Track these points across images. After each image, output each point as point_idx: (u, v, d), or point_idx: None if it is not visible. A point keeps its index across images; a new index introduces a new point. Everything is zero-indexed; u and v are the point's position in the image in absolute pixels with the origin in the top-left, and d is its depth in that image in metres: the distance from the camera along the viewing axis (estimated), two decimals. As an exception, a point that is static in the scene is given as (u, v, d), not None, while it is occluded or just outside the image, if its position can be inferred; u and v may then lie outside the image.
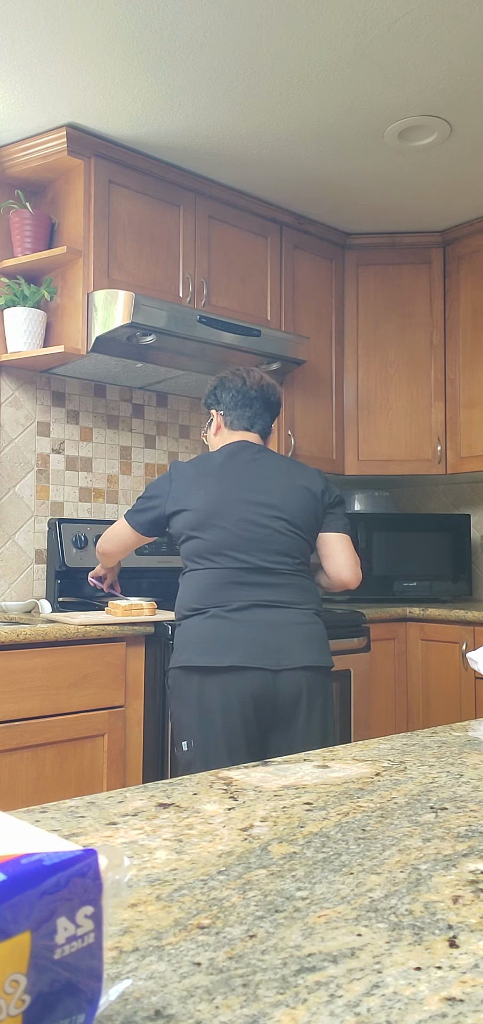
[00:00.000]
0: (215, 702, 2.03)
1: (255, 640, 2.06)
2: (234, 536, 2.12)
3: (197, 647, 2.07)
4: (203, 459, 2.26)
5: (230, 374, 2.35)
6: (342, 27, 2.33)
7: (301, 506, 2.18)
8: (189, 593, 2.16)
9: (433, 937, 0.51)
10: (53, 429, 3.20)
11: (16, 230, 2.99)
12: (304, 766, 0.93)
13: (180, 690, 2.11)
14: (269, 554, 2.13)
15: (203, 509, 2.14)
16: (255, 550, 2.12)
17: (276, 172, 3.18)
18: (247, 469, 2.20)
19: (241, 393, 2.30)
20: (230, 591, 2.10)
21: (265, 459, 2.24)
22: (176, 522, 2.21)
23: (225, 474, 2.18)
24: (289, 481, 2.20)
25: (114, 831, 0.71)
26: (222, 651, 2.05)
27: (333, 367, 3.67)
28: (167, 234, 3.12)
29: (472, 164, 3.11)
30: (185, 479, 2.21)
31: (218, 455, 2.24)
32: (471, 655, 1.28)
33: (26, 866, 0.38)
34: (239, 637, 2.06)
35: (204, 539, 2.14)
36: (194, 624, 2.11)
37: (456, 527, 3.60)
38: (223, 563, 2.12)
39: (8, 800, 2.25)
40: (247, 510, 2.14)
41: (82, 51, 2.43)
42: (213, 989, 0.45)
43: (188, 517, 2.16)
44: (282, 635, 2.08)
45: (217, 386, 2.34)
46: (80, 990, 0.39)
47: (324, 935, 0.51)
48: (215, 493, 2.15)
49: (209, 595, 2.11)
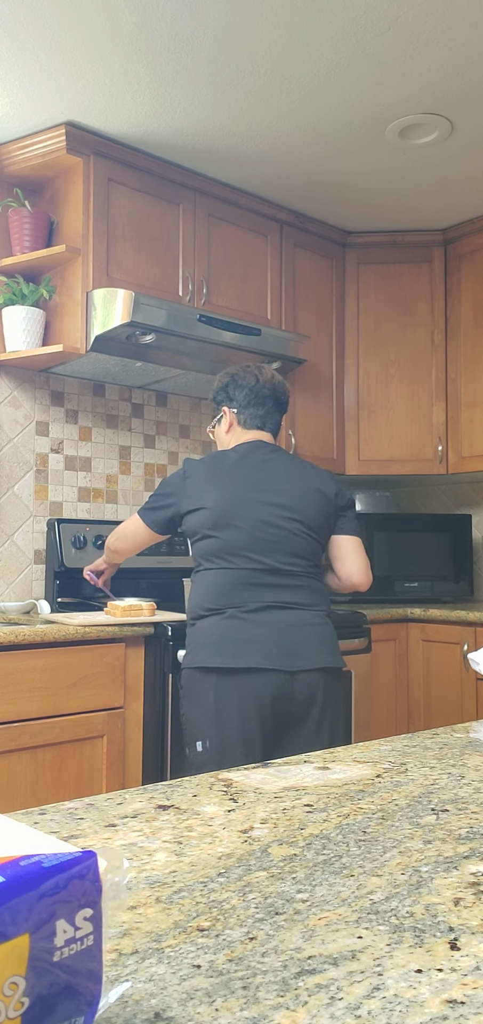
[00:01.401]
0: (233, 703, 2.03)
1: (273, 642, 2.06)
2: (251, 537, 2.11)
3: (214, 648, 2.07)
4: (217, 457, 2.24)
5: (241, 371, 2.33)
6: (342, 25, 2.33)
7: (315, 508, 2.19)
8: (204, 593, 2.14)
9: (434, 939, 0.51)
10: (52, 429, 3.20)
11: (15, 229, 2.98)
12: (304, 768, 0.92)
13: (195, 690, 2.09)
14: (284, 555, 2.13)
15: (219, 508, 2.13)
16: (271, 551, 2.12)
17: (276, 170, 3.18)
18: (262, 469, 2.19)
19: (254, 392, 2.29)
20: (246, 592, 2.10)
21: (279, 459, 2.24)
22: (191, 520, 2.19)
23: (241, 473, 2.18)
24: (303, 483, 2.20)
25: (113, 833, 0.71)
26: (241, 653, 2.05)
27: (334, 366, 3.67)
28: (167, 233, 3.12)
29: (473, 162, 3.11)
30: (200, 477, 2.20)
31: (233, 453, 2.23)
32: (472, 656, 1.28)
33: (25, 868, 0.37)
34: (257, 638, 2.06)
35: (220, 539, 2.13)
36: (210, 624, 2.10)
37: (457, 527, 3.60)
38: (239, 563, 2.11)
39: (7, 802, 2.25)
40: (263, 511, 2.14)
41: (81, 49, 2.43)
42: (213, 992, 0.44)
43: (204, 516, 2.15)
44: (298, 636, 2.09)
45: (229, 383, 2.32)
46: (79, 992, 0.39)
47: (324, 937, 0.51)
48: (231, 492, 2.15)
49: (225, 595, 2.10)
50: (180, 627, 2.58)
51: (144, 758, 2.57)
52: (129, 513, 3.41)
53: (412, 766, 0.92)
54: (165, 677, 2.56)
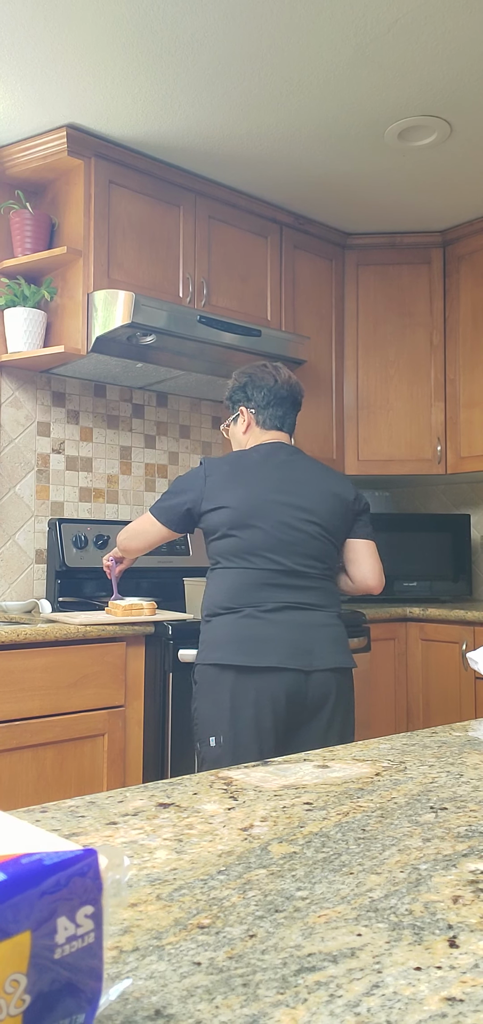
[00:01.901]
0: (249, 700, 2.06)
1: (289, 641, 2.09)
2: (271, 538, 2.13)
3: (232, 646, 2.08)
4: (239, 457, 2.25)
5: (259, 371, 2.33)
6: (342, 27, 2.33)
7: (333, 512, 2.21)
8: (222, 591, 2.15)
9: (433, 937, 0.51)
10: (53, 429, 3.20)
11: (16, 230, 2.99)
12: (304, 766, 0.93)
13: (210, 687, 2.11)
14: (302, 557, 2.15)
15: (241, 508, 2.14)
16: (289, 553, 2.14)
17: (276, 172, 3.18)
18: (283, 470, 2.21)
19: (273, 392, 2.30)
20: (264, 592, 2.12)
21: (299, 462, 2.26)
22: (211, 519, 2.19)
23: (262, 474, 2.19)
24: (323, 486, 2.22)
25: (114, 831, 0.71)
26: (259, 651, 2.07)
27: (333, 367, 3.67)
28: (167, 234, 3.12)
29: (472, 164, 3.11)
30: (221, 476, 2.20)
31: (254, 454, 2.24)
32: (471, 655, 1.28)
33: (26, 866, 0.38)
34: (275, 638, 2.08)
35: (241, 538, 2.14)
36: (227, 622, 2.11)
37: (456, 527, 3.60)
38: (258, 564, 2.13)
39: (8, 800, 2.25)
40: (284, 512, 2.15)
41: (82, 51, 2.43)
42: (213, 989, 0.45)
43: (225, 515, 2.16)
44: (313, 637, 2.12)
45: (247, 383, 2.32)
46: (80, 990, 0.39)
47: (324, 935, 0.51)
48: (253, 493, 2.16)
49: (243, 595, 2.12)
50: (180, 626, 2.58)
51: (145, 756, 2.58)
52: (130, 512, 3.41)
53: (411, 764, 0.93)
54: (166, 676, 2.56)
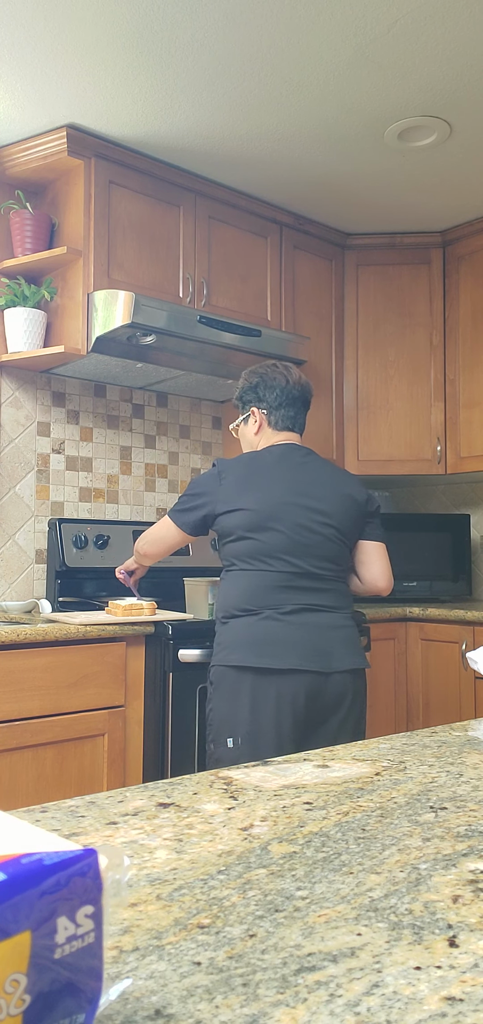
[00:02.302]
0: (269, 702, 2.07)
1: (308, 643, 2.11)
2: (290, 540, 2.14)
3: (252, 648, 2.10)
4: (253, 458, 2.25)
5: (270, 371, 2.33)
6: (342, 28, 2.33)
7: (347, 514, 2.23)
8: (240, 593, 2.16)
9: (433, 937, 0.51)
10: (53, 429, 3.20)
11: (16, 230, 2.99)
12: (304, 766, 0.93)
13: (229, 688, 2.12)
14: (318, 560, 2.17)
15: (259, 510, 2.15)
16: (307, 555, 2.16)
17: (276, 172, 3.18)
18: (299, 472, 2.22)
19: (285, 392, 2.30)
20: (282, 594, 2.13)
21: (314, 464, 2.27)
22: (227, 521, 2.19)
23: (279, 476, 2.19)
24: (337, 489, 2.24)
25: (114, 831, 0.71)
26: (279, 654, 2.08)
27: (333, 367, 3.67)
28: (167, 234, 3.12)
29: (472, 164, 3.11)
30: (236, 477, 2.20)
31: (268, 456, 2.24)
32: (471, 655, 1.28)
33: (26, 866, 0.38)
34: (294, 640, 2.10)
35: (259, 541, 2.15)
36: (246, 624, 2.13)
37: (456, 527, 3.60)
38: (277, 566, 2.14)
39: (8, 800, 2.25)
40: (302, 515, 2.16)
41: (82, 51, 2.43)
42: (213, 988, 0.45)
43: (242, 517, 2.16)
44: (330, 638, 2.15)
45: (258, 383, 2.32)
46: (80, 990, 0.39)
47: (324, 934, 0.51)
48: (271, 495, 2.16)
49: (261, 597, 2.13)
50: (180, 626, 2.58)
51: (145, 756, 2.58)
52: (130, 513, 3.41)
53: (411, 764, 0.93)
54: (165, 676, 2.56)
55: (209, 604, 2.77)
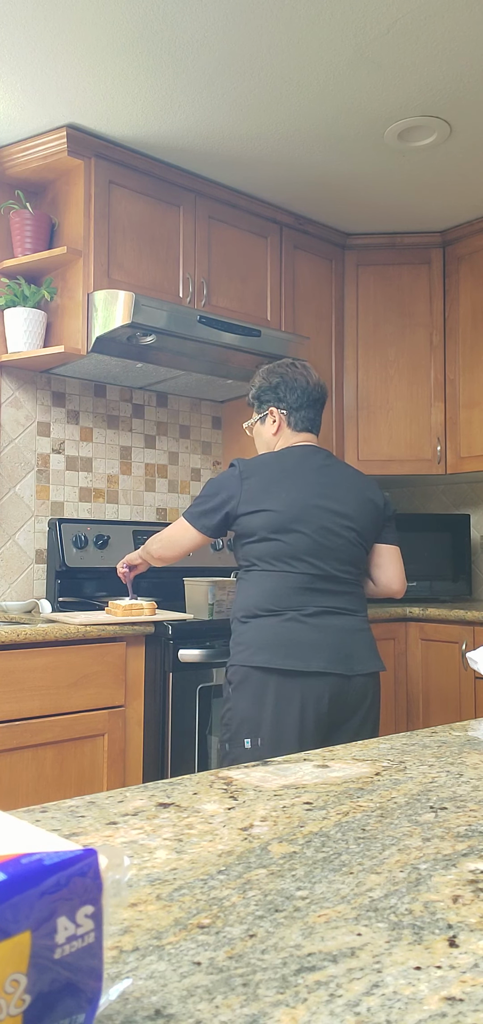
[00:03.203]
0: (294, 704, 2.07)
1: (332, 646, 2.11)
2: (314, 543, 2.14)
3: (277, 649, 2.09)
4: (275, 459, 2.24)
5: (289, 371, 2.32)
6: (342, 28, 2.33)
7: (368, 518, 2.24)
8: (262, 594, 2.15)
9: (433, 937, 0.51)
10: (53, 429, 3.20)
11: (16, 230, 2.99)
12: (304, 766, 0.93)
13: (252, 689, 2.10)
14: (340, 563, 2.18)
15: (285, 512, 2.14)
16: (330, 558, 2.16)
17: (276, 172, 3.18)
18: (322, 475, 2.21)
19: (306, 394, 2.30)
20: (304, 596, 2.13)
21: (336, 467, 2.27)
22: (249, 522, 2.17)
23: (303, 479, 2.19)
24: (359, 493, 2.24)
25: (114, 831, 0.71)
26: (305, 656, 2.08)
27: (333, 367, 3.67)
28: (167, 234, 3.12)
29: (472, 164, 3.11)
30: (260, 478, 2.19)
31: (290, 457, 2.23)
32: (471, 655, 1.28)
33: (26, 866, 0.38)
34: (318, 642, 2.10)
35: (284, 542, 2.13)
36: (269, 625, 2.12)
37: (456, 527, 3.60)
38: (301, 568, 2.14)
39: (8, 800, 2.25)
40: (326, 518, 2.16)
41: (82, 51, 2.43)
42: (213, 988, 0.45)
43: (267, 518, 2.15)
44: (352, 641, 2.16)
45: (279, 384, 2.31)
46: (80, 990, 0.39)
47: (324, 935, 0.51)
48: (297, 497, 2.16)
49: (284, 598, 2.13)
50: (180, 626, 2.58)
51: (145, 756, 2.58)
52: (130, 513, 3.41)
53: (411, 764, 0.93)
54: (166, 676, 2.56)
55: (209, 604, 2.77)
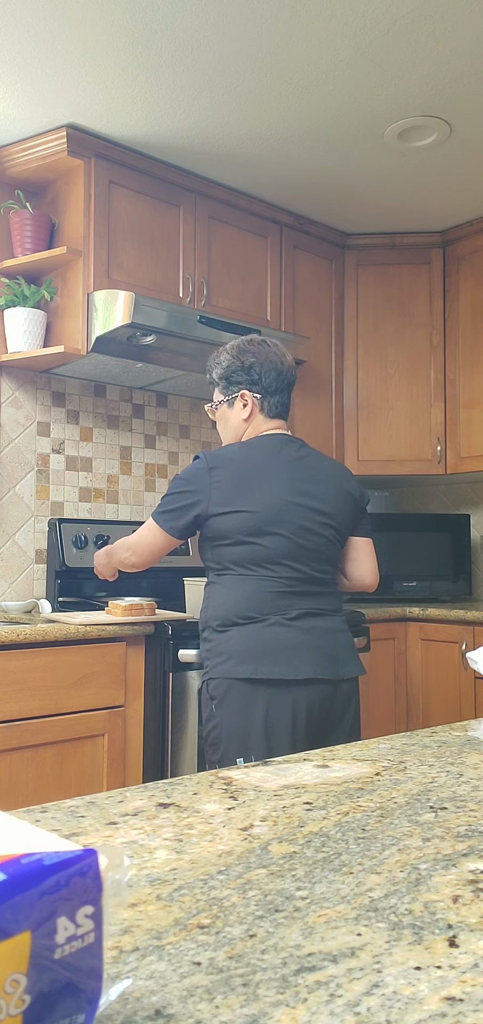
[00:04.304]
0: (286, 715, 1.93)
1: (319, 650, 1.99)
2: (294, 545, 2.00)
3: (265, 658, 1.94)
4: (246, 450, 2.05)
5: (262, 350, 2.11)
6: (342, 27, 2.33)
7: (346, 513, 2.11)
8: (240, 600, 1.98)
9: (433, 937, 0.51)
10: (53, 429, 3.20)
11: (16, 230, 2.99)
12: (304, 766, 0.93)
13: (238, 702, 1.94)
14: (319, 563, 2.05)
15: (260, 513, 1.97)
16: (309, 559, 2.03)
17: (276, 172, 3.18)
18: (298, 469, 2.05)
19: (282, 376, 2.11)
20: (286, 599, 1.99)
21: (311, 458, 2.11)
22: (221, 523, 1.99)
23: (278, 474, 2.02)
24: (336, 486, 2.10)
25: (114, 831, 0.71)
26: (294, 663, 1.94)
27: (333, 367, 3.67)
28: (167, 234, 3.12)
29: (472, 164, 3.11)
30: (230, 474, 2.00)
31: (262, 448, 2.05)
32: (471, 655, 1.28)
33: (26, 866, 0.38)
34: (306, 647, 1.97)
35: (261, 546, 1.98)
36: (251, 632, 1.96)
37: (456, 527, 3.60)
38: (280, 572, 1.99)
39: (8, 800, 2.25)
40: (305, 517, 2.02)
41: (82, 51, 2.43)
42: (213, 989, 0.45)
43: (241, 520, 1.97)
44: (336, 644, 2.03)
45: (253, 364, 2.09)
46: (80, 990, 0.39)
47: (324, 935, 0.51)
48: (272, 495, 1.99)
49: (266, 603, 1.98)
50: (180, 626, 2.58)
51: (145, 756, 2.58)
52: (130, 513, 3.41)
53: (411, 764, 0.93)
54: (166, 676, 2.56)
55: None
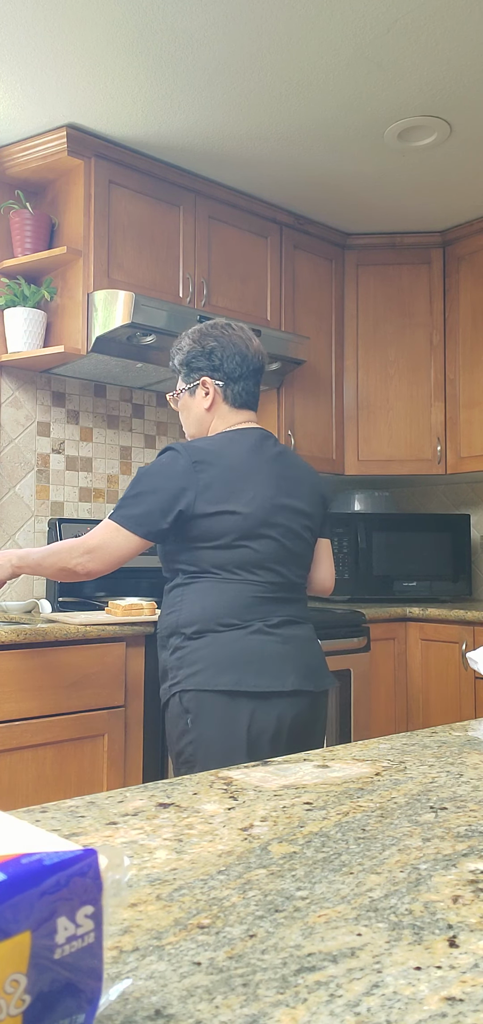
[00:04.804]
0: (270, 729, 1.81)
1: (301, 660, 1.88)
2: (283, 548, 1.88)
3: (247, 668, 1.80)
4: (229, 444, 1.88)
5: (226, 333, 1.94)
6: (342, 27, 2.33)
7: (321, 515, 2.02)
8: (220, 605, 1.84)
9: (433, 937, 0.51)
10: (53, 429, 3.20)
11: (16, 230, 2.99)
12: (304, 766, 0.93)
13: (218, 717, 1.80)
14: (299, 567, 1.95)
15: (254, 515, 1.84)
16: (293, 564, 1.92)
17: (276, 172, 3.18)
18: (279, 467, 1.93)
19: (246, 361, 1.94)
20: (268, 606, 1.87)
21: (287, 455, 1.99)
22: (211, 525, 1.82)
23: (263, 471, 1.88)
24: (314, 487, 2.00)
25: (114, 831, 0.71)
26: (279, 673, 1.82)
27: (333, 367, 3.67)
28: (167, 234, 3.12)
29: (472, 164, 3.11)
30: (219, 470, 1.83)
31: (244, 442, 1.90)
32: (471, 655, 1.28)
33: (26, 866, 0.38)
34: (290, 656, 1.86)
35: (252, 549, 1.84)
36: (231, 640, 1.82)
37: (456, 527, 3.60)
38: (265, 577, 1.86)
39: (8, 800, 2.25)
40: (293, 519, 1.91)
41: (82, 51, 2.43)
42: (213, 989, 0.45)
43: (234, 522, 1.82)
44: (312, 653, 1.94)
45: (214, 348, 1.93)
46: (80, 990, 0.39)
47: (324, 935, 0.51)
48: (263, 495, 1.86)
49: (249, 609, 1.84)
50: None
51: (145, 756, 2.57)
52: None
53: (411, 764, 0.93)
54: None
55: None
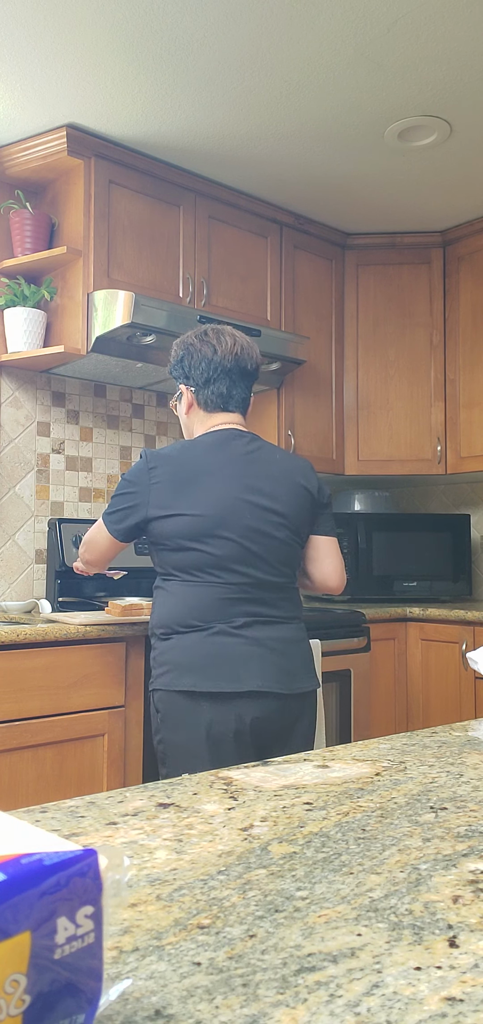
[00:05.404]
0: (230, 730, 1.84)
1: (268, 661, 1.88)
2: (241, 549, 1.89)
3: (207, 670, 1.85)
4: (186, 448, 1.95)
5: (198, 341, 2.01)
6: (342, 27, 2.33)
7: (302, 509, 2.00)
8: (184, 607, 1.90)
9: (433, 937, 0.51)
10: (53, 429, 3.20)
11: (16, 230, 2.99)
12: (304, 766, 0.93)
13: (182, 717, 1.87)
14: (272, 566, 1.94)
15: (205, 516, 1.87)
16: (261, 563, 1.92)
17: (276, 172, 3.18)
18: (246, 464, 1.94)
19: (212, 365, 1.98)
20: (233, 606, 1.89)
21: (262, 453, 1.99)
22: (161, 528, 1.90)
23: (222, 471, 1.91)
24: (289, 480, 1.98)
25: (114, 831, 0.71)
26: (239, 674, 1.85)
27: (333, 367, 3.67)
28: (167, 234, 3.12)
29: (472, 164, 3.11)
30: (169, 475, 1.90)
31: (202, 444, 1.95)
32: (471, 655, 1.28)
33: (26, 866, 0.38)
34: (252, 657, 1.87)
35: (207, 552, 1.88)
36: (193, 642, 1.87)
37: (456, 527, 3.60)
38: (227, 578, 1.89)
39: (8, 800, 2.25)
40: (253, 517, 1.90)
41: (82, 51, 2.43)
42: (213, 989, 0.45)
43: (183, 524, 1.88)
44: (289, 654, 1.93)
45: (184, 356, 2.02)
46: (80, 990, 0.39)
47: (324, 935, 0.51)
48: (216, 496, 1.88)
49: (211, 610, 1.88)
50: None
51: (145, 756, 2.57)
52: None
53: (411, 764, 0.93)
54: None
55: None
